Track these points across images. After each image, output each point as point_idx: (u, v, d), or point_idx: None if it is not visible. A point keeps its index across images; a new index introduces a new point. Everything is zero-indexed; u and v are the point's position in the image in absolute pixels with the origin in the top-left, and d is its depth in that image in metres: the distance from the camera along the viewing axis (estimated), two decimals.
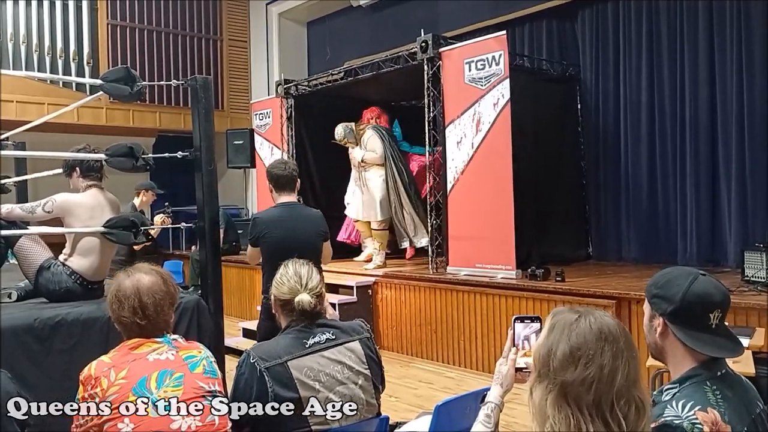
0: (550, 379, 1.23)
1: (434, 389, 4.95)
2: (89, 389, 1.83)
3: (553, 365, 1.23)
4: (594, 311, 1.29)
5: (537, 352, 1.29)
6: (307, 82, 8.07)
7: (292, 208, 3.68)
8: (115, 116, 8.81)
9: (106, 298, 2.06)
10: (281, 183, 3.69)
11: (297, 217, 3.64)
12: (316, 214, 3.76)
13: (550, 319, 1.32)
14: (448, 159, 5.86)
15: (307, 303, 2.11)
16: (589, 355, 1.21)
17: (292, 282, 2.16)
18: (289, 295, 2.14)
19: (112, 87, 3.52)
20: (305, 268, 2.20)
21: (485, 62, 5.50)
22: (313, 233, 3.62)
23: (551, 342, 1.26)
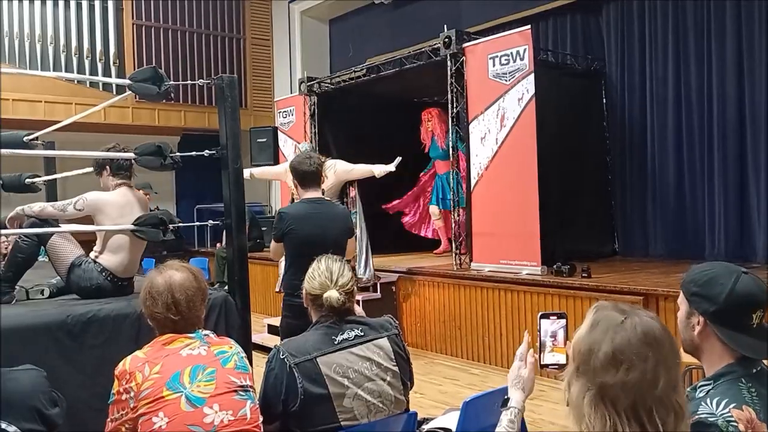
0: (589, 378, 1.21)
1: (459, 386, 4.95)
2: (124, 384, 1.87)
3: (593, 364, 1.21)
4: (639, 311, 1.25)
5: (576, 347, 1.27)
6: (329, 79, 8.10)
7: (319, 204, 3.62)
8: (141, 115, 8.93)
9: (139, 295, 2.08)
10: (307, 178, 3.62)
11: (325, 214, 3.57)
12: (343, 212, 3.73)
13: (593, 313, 1.29)
14: (472, 155, 5.84)
15: (335, 299, 2.12)
16: (632, 359, 1.18)
17: (323, 277, 2.17)
18: (320, 290, 2.15)
19: (140, 87, 3.57)
20: (337, 265, 2.21)
21: (509, 57, 5.47)
22: (340, 231, 3.57)
23: (593, 340, 1.23)
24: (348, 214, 3.75)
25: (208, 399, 1.87)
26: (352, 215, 6.10)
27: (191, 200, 9.93)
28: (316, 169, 3.62)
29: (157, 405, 1.82)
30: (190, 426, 1.82)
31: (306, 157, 3.71)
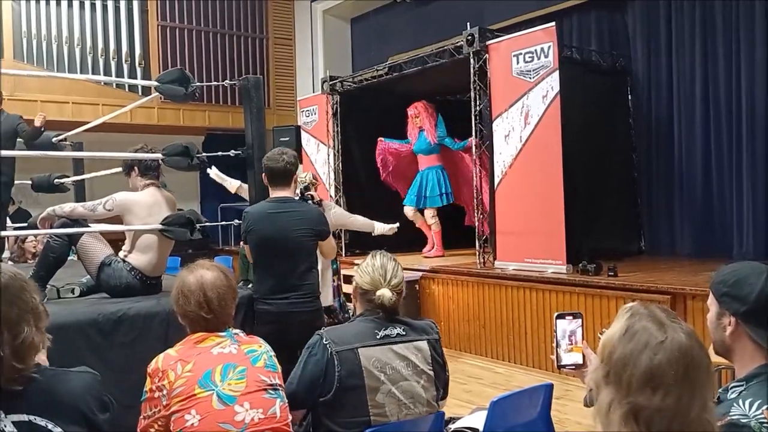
0: (621, 392, 1.17)
1: (483, 384, 4.94)
2: (157, 381, 1.89)
3: (627, 379, 1.17)
4: (676, 326, 1.20)
5: (608, 353, 1.23)
6: (352, 78, 8.11)
7: (284, 204, 3.33)
8: (167, 116, 9.03)
9: (171, 294, 2.10)
10: (274, 176, 3.35)
11: (288, 215, 3.28)
12: (311, 212, 3.41)
13: (627, 318, 1.24)
14: (496, 153, 5.82)
15: (387, 299, 2.12)
16: (670, 384, 1.15)
17: (376, 275, 2.16)
18: (370, 287, 2.15)
19: (167, 88, 3.63)
20: (392, 263, 2.20)
21: (534, 54, 5.44)
22: (304, 233, 3.27)
23: (630, 352, 1.18)
24: (320, 215, 3.45)
25: (239, 397, 1.89)
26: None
27: (215, 199, 10.00)
28: (285, 167, 3.33)
29: (189, 403, 1.84)
30: (222, 424, 1.84)
31: (278, 153, 3.41)
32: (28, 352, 1.51)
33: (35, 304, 1.57)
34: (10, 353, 1.48)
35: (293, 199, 3.41)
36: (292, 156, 3.42)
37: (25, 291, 1.56)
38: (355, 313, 2.28)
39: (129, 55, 9.03)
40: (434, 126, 7.04)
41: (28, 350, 1.51)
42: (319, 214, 3.44)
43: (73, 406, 1.54)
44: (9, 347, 1.48)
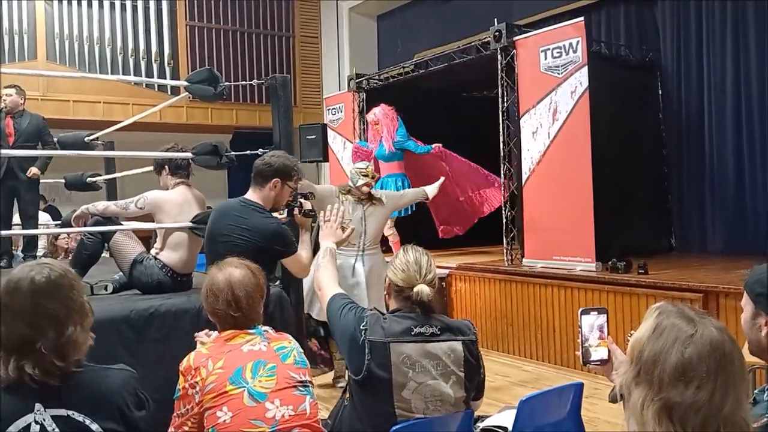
0: (653, 390, 1.17)
1: (511, 382, 4.91)
2: (189, 379, 1.92)
3: (659, 375, 1.17)
4: (706, 321, 1.20)
5: (637, 350, 1.23)
6: (378, 75, 8.12)
7: (241, 206, 3.01)
8: (195, 114, 9.13)
9: (201, 292, 2.13)
10: (252, 175, 3.08)
11: (231, 217, 2.97)
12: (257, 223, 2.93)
13: (655, 316, 1.24)
14: (523, 149, 5.78)
15: (426, 294, 2.09)
16: (702, 377, 1.14)
17: (411, 270, 2.12)
18: (405, 283, 2.11)
19: (197, 88, 3.68)
20: (425, 258, 2.17)
21: (562, 50, 5.39)
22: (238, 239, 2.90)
23: (660, 349, 1.18)
24: (268, 230, 2.94)
25: (270, 394, 1.91)
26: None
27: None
28: (257, 167, 3.02)
29: (221, 399, 1.86)
30: (253, 420, 1.86)
31: (269, 154, 3.15)
32: (70, 350, 1.55)
33: (82, 302, 1.60)
34: (53, 350, 1.51)
35: (251, 203, 3.00)
36: (274, 158, 3.04)
37: (74, 289, 1.59)
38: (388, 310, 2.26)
39: (158, 55, 9.15)
40: (394, 131, 6.42)
41: (71, 348, 1.55)
42: (268, 228, 2.91)
43: (110, 402, 1.57)
44: (52, 344, 1.51)
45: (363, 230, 4.32)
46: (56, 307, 1.55)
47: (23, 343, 1.51)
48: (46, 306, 1.53)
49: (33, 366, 1.49)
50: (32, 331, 1.51)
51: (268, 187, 3.00)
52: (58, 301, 1.55)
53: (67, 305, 1.57)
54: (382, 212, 4.47)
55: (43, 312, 1.53)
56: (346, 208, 3.57)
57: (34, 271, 1.57)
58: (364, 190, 4.33)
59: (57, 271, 1.60)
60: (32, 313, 1.52)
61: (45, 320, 1.52)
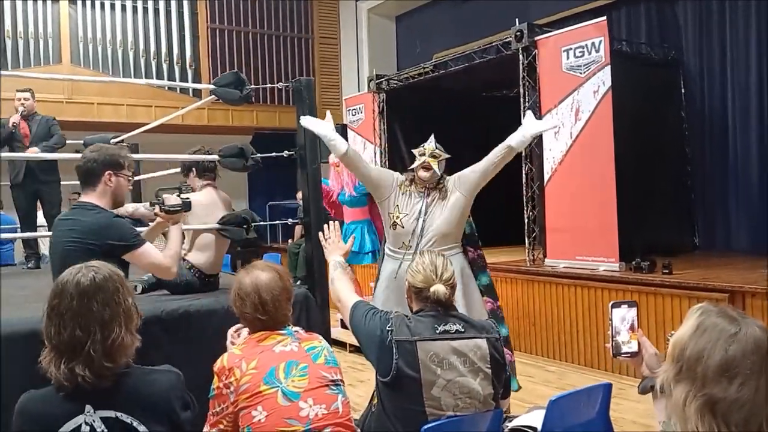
0: (696, 386, 1.19)
1: (535, 383, 4.91)
2: (224, 379, 1.95)
3: (702, 372, 1.19)
4: (749, 321, 1.22)
5: (679, 349, 1.25)
6: (397, 76, 8.14)
7: (66, 213, 2.72)
8: (216, 116, 9.22)
9: (230, 296, 2.15)
10: (81, 180, 2.69)
11: (63, 222, 2.66)
12: (87, 221, 2.57)
13: (697, 316, 1.26)
14: (545, 149, 5.77)
15: (442, 293, 2.15)
16: (746, 374, 1.16)
17: (427, 271, 2.19)
18: (423, 284, 2.18)
19: (223, 91, 3.71)
20: (440, 259, 2.23)
21: (584, 49, 5.37)
22: (71, 244, 2.53)
23: (702, 346, 1.20)
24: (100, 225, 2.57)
25: (303, 393, 1.94)
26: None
27: (263, 197, 10.21)
28: (88, 167, 2.64)
29: (255, 399, 1.90)
30: (287, 419, 1.89)
31: (89, 151, 2.73)
32: (118, 352, 1.58)
33: (128, 305, 1.64)
34: (102, 353, 1.55)
35: (82, 204, 2.64)
36: (96, 153, 2.67)
37: (119, 292, 1.62)
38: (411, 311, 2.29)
39: (180, 58, 9.26)
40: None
41: (118, 350, 1.58)
42: (96, 223, 2.55)
43: (158, 405, 1.61)
44: (100, 347, 1.55)
45: (419, 228, 3.39)
46: (102, 309, 1.58)
47: (73, 345, 1.54)
48: (91, 308, 1.57)
49: (84, 368, 1.53)
50: (81, 333, 1.55)
51: (102, 183, 2.63)
52: (103, 303, 1.59)
53: (113, 307, 1.60)
54: (454, 202, 3.42)
55: (89, 314, 1.57)
56: (402, 202, 3.43)
57: (80, 274, 1.61)
58: (422, 175, 3.42)
59: (102, 273, 1.63)
60: (79, 315, 1.56)
61: (92, 322, 1.56)
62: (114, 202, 2.70)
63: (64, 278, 1.62)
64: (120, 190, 2.70)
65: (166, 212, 2.91)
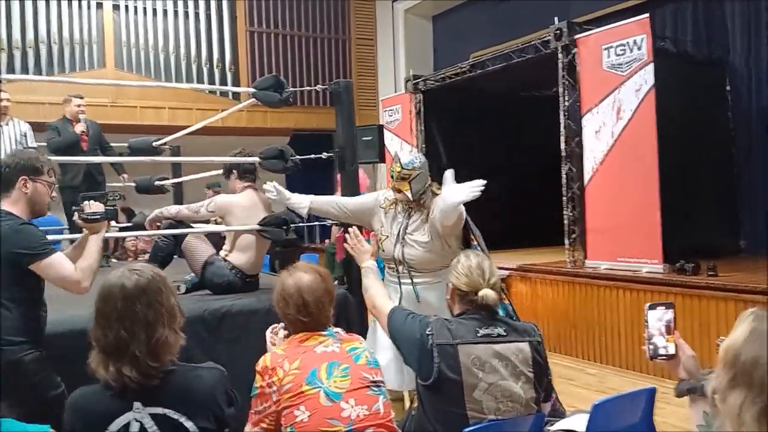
0: (753, 393, 1.17)
1: (575, 386, 4.85)
2: (267, 379, 1.97)
3: (759, 378, 1.17)
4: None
5: (732, 356, 1.22)
6: (434, 76, 8.12)
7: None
8: (255, 118, 9.32)
9: (273, 297, 2.17)
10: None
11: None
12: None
13: (751, 321, 1.23)
14: (586, 149, 5.69)
15: (491, 299, 2.13)
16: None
17: (474, 275, 2.16)
18: (468, 288, 2.15)
19: (263, 94, 3.76)
20: (487, 262, 2.21)
21: (626, 47, 5.28)
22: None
23: (758, 352, 1.18)
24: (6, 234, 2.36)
25: (344, 394, 1.94)
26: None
27: None
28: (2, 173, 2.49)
29: (298, 399, 1.91)
30: (330, 420, 1.89)
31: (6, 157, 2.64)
32: (163, 351, 1.62)
33: (171, 305, 1.68)
34: (147, 353, 1.59)
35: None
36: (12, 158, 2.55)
37: (162, 293, 1.66)
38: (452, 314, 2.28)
39: (219, 61, 9.40)
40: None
41: (162, 350, 1.62)
42: (5, 231, 2.36)
43: (204, 401, 1.64)
44: (145, 347, 1.59)
45: (399, 254, 3.07)
46: (145, 311, 1.62)
47: (119, 347, 1.59)
48: (135, 310, 1.61)
49: (130, 368, 1.58)
50: (126, 334, 1.59)
51: (16, 189, 2.47)
52: (146, 305, 1.63)
53: (156, 308, 1.64)
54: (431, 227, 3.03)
55: (134, 316, 1.61)
56: (387, 221, 3.16)
57: (124, 277, 1.66)
58: (397, 196, 3.14)
59: (145, 276, 1.68)
60: (124, 318, 1.61)
61: (136, 324, 1.60)
62: (32, 210, 2.51)
63: (109, 282, 1.67)
64: (38, 196, 2.51)
65: (84, 221, 2.56)
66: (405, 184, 3.05)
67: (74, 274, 2.39)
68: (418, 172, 3.04)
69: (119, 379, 1.58)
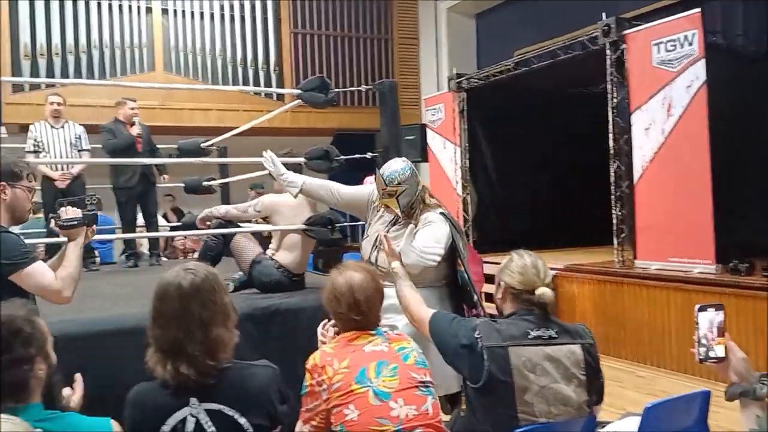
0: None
1: (624, 388, 4.76)
2: (316, 377, 1.98)
3: None
4: None
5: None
6: (478, 75, 8.07)
7: None
8: (299, 118, 9.41)
9: (323, 295, 2.18)
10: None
11: None
12: None
13: None
14: (635, 147, 5.57)
15: (549, 296, 2.09)
16: None
17: (529, 274, 2.13)
18: (523, 286, 2.12)
19: (309, 95, 3.81)
20: (540, 262, 2.18)
21: (676, 43, 5.16)
22: None
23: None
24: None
25: (393, 394, 1.94)
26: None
27: None
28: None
29: (348, 398, 1.92)
30: (379, 419, 1.90)
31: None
32: (219, 349, 1.66)
33: (224, 303, 1.72)
34: (203, 351, 1.63)
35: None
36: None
37: (215, 292, 1.70)
38: (503, 314, 2.25)
39: (264, 63, 9.53)
40: None
41: (218, 348, 1.66)
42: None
43: (257, 398, 1.68)
44: (202, 346, 1.63)
45: (374, 259, 2.99)
46: (201, 310, 1.66)
47: (176, 346, 1.63)
48: (191, 310, 1.65)
49: (188, 366, 1.62)
50: (182, 334, 1.63)
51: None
52: (201, 304, 1.66)
53: (211, 307, 1.68)
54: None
55: (190, 316, 1.65)
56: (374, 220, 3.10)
57: (179, 277, 1.69)
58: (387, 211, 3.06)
59: (200, 275, 1.71)
60: (180, 318, 1.65)
61: (192, 323, 1.64)
62: (12, 216, 2.39)
63: (165, 281, 1.71)
64: (18, 202, 2.38)
65: (61, 227, 2.40)
66: (392, 201, 2.94)
67: (54, 284, 2.25)
68: (405, 186, 2.92)
69: (177, 377, 1.62)
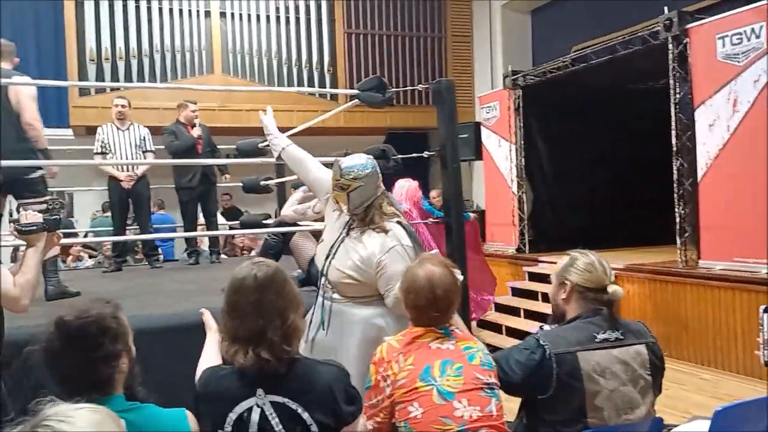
0: None
1: (686, 390, 4.64)
2: (382, 371, 1.98)
3: None
4: None
5: None
6: (534, 71, 7.97)
7: None
8: (353, 118, 9.48)
9: (402, 287, 2.11)
10: None
11: None
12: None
13: None
14: (699, 143, 5.41)
15: (620, 294, 2.08)
16: None
17: (598, 271, 2.11)
18: (593, 284, 2.10)
19: (366, 95, 3.84)
20: (604, 260, 2.16)
21: (742, 36, 4.99)
22: None
23: None
24: None
25: (457, 394, 1.92)
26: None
27: None
28: None
29: (412, 395, 1.91)
30: (443, 418, 1.88)
31: None
32: (294, 335, 1.75)
33: (295, 293, 1.80)
34: (281, 337, 1.71)
35: None
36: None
37: (287, 282, 1.79)
38: (566, 316, 2.22)
39: (319, 63, 9.65)
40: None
41: (294, 334, 1.75)
42: None
43: (322, 395, 1.72)
44: (280, 332, 1.71)
45: (327, 261, 2.63)
46: (276, 299, 1.74)
47: (256, 334, 1.70)
48: (270, 298, 1.73)
49: (268, 352, 1.68)
50: (263, 321, 1.70)
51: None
52: (276, 294, 1.75)
53: (284, 296, 1.76)
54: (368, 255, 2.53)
55: (268, 304, 1.72)
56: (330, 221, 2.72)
57: (255, 270, 1.77)
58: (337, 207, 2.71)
59: (272, 267, 1.81)
60: (260, 306, 1.72)
61: (271, 311, 1.72)
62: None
63: (240, 275, 1.78)
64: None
65: (20, 232, 2.25)
66: (342, 195, 2.57)
67: (11, 290, 2.11)
68: (359, 184, 2.55)
69: (257, 362, 1.68)
